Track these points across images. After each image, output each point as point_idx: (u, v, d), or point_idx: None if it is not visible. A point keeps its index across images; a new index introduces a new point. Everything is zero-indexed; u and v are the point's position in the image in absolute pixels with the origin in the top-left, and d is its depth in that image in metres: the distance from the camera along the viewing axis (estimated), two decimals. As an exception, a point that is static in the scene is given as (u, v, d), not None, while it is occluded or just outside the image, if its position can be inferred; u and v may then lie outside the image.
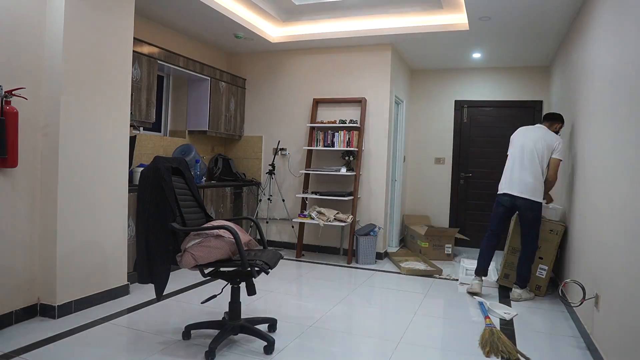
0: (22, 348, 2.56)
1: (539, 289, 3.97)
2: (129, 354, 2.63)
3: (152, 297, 3.43)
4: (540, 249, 3.94)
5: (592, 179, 3.02)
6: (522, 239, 3.87)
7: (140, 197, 2.65)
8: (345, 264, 5.06)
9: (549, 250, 3.93)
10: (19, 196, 2.93)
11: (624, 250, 2.24)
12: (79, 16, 3.11)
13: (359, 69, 5.42)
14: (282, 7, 4.93)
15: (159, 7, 4.34)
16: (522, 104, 6.01)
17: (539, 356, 2.72)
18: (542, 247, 3.94)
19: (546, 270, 3.94)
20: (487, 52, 5.42)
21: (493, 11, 4.02)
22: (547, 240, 3.94)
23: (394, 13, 4.78)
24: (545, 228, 3.94)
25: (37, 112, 3.02)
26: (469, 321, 3.33)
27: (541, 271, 3.96)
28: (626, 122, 2.32)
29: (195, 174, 4.88)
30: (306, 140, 5.58)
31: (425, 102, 6.46)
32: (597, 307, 2.67)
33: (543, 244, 3.94)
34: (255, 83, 5.96)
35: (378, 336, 3.03)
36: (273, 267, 2.62)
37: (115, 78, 3.45)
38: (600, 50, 3.01)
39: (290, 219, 5.62)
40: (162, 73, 5.06)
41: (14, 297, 2.92)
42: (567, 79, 4.33)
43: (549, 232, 3.93)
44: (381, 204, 5.34)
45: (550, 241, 3.93)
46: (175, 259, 2.60)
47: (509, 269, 4.09)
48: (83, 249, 3.23)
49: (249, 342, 2.76)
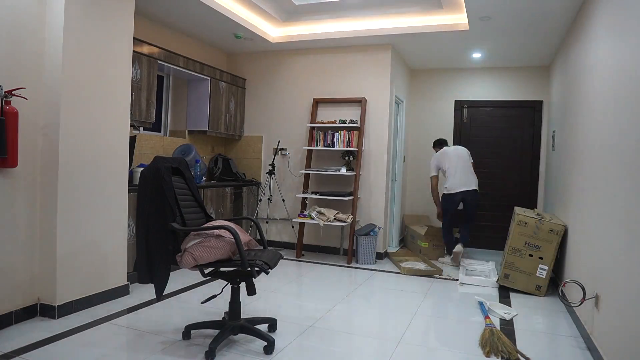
0: (22, 348, 2.56)
1: (539, 288, 3.97)
2: (129, 354, 2.63)
3: (152, 297, 3.43)
4: (541, 249, 3.96)
5: (592, 179, 3.02)
6: (468, 218, 5.25)
7: (140, 197, 2.65)
8: (345, 264, 5.06)
9: (549, 250, 3.93)
10: (19, 196, 2.93)
11: (624, 250, 2.24)
12: (78, 16, 3.11)
13: (359, 69, 5.42)
14: (282, 7, 4.93)
15: (159, 7, 4.34)
16: (522, 104, 6.01)
17: (539, 356, 2.72)
18: (542, 247, 3.96)
19: (546, 270, 3.94)
20: (487, 52, 5.42)
21: (493, 11, 4.02)
22: (547, 240, 3.94)
23: (393, 13, 4.78)
24: (545, 228, 3.95)
25: (37, 112, 3.02)
26: (469, 321, 3.33)
27: (541, 271, 3.96)
28: (626, 122, 2.32)
29: (195, 174, 4.88)
30: (306, 140, 5.58)
31: (425, 102, 6.46)
32: (597, 307, 2.67)
33: (543, 244, 3.95)
34: (255, 83, 5.96)
35: (378, 336, 3.03)
36: (273, 267, 2.62)
37: (115, 78, 3.45)
38: (600, 50, 3.01)
39: (290, 219, 5.62)
40: (162, 73, 5.05)
41: (14, 297, 2.92)
42: (567, 79, 4.33)
43: (549, 232, 3.94)
44: (381, 204, 5.34)
45: (550, 241, 3.93)
46: (175, 259, 2.60)
47: (509, 268, 4.09)
48: (83, 249, 3.23)
49: (249, 342, 2.76)
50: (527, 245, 4.01)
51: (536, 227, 3.97)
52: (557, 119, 4.96)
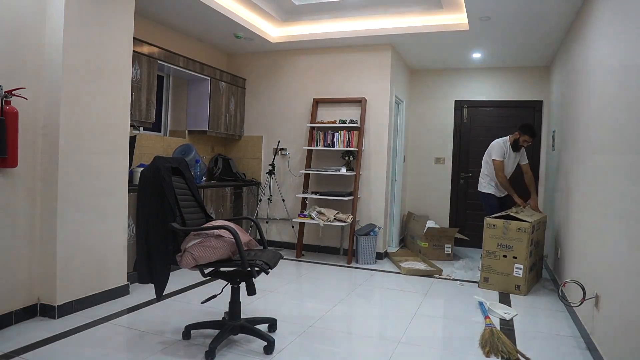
0: (22, 348, 2.56)
1: (519, 288, 3.98)
2: (129, 354, 2.63)
3: (152, 297, 3.43)
4: (513, 249, 3.99)
5: (592, 179, 3.02)
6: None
7: (140, 197, 2.65)
8: (345, 264, 5.06)
9: (521, 249, 3.96)
10: (19, 196, 2.93)
11: (624, 250, 2.24)
12: (79, 16, 3.11)
13: (359, 69, 5.41)
14: (282, 7, 4.93)
15: (159, 7, 4.34)
16: (522, 104, 6.01)
17: (539, 356, 2.72)
18: (513, 246, 3.99)
19: (522, 269, 3.96)
20: (487, 52, 5.42)
21: (493, 11, 4.02)
22: (518, 239, 3.97)
23: (394, 13, 4.78)
24: (512, 227, 4.00)
25: (37, 112, 3.02)
26: (469, 321, 3.33)
27: (517, 270, 3.98)
28: (626, 121, 2.32)
29: (195, 174, 4.88)
30: (306, 140, 5.57)
31: (425, 102, 6.46)
32: (597, 307, 2.67)
33: (514, 243, 3.99)
34: (255, 83, 5.96)
35: (378, 336, 3.03)
36: (273, 267, 2.62)
37: (115, 78, 3.45)
38: (600, 50, 3.01)
39: (290, 219, 5.62)
40: (162, 73, 5.05)
41: (14, 297, 2.92)
42: (567, 79, 4.33)
43: (517, 230, 3.98)
44: (381, 204, 5.34)
45: (520, 240, 3.97)
46: (175, 259, 2.60)
47: (487, 272, 4.12)
48: (83, 248, 3.23)
49: (249, 342, 2.76)
50: (499, 246, 4.05)
51: (504, 227, 4.03)
52: (557, 119, 4.96)
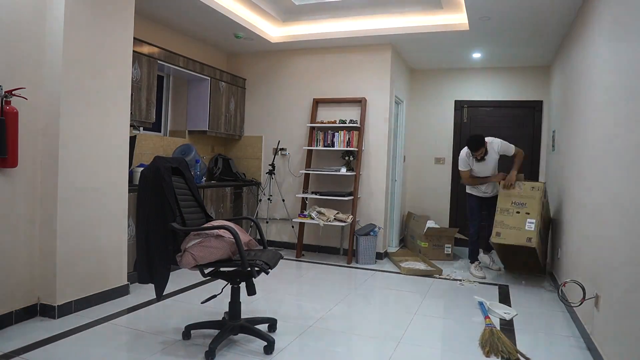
0: (22, 348, 2.56)
1: (530, 240, 4.14)
2: (129, 354, 2.63)
3: (152, 297, 3.43)
4: (526, 206, 4.26)
5: (592, 178, 3.02)
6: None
7: (141, 197, 2.65)
8: (345, 264, 5.06)
9: (534, 205, 4.23)
10: (19, 196, 2.93)
11: (624, 250, 2.24)
12: (78, 16, 3.11)
13: (359, 69, 5.41)
14: (282, 7, 4.93)
15: (159, 7, 4.34)
16: (522, 104, 6.01)
17: (539, 356, 2.72)
18: (526, 203, 4.27)
19: (534, 222, 4.16)
20: (487, 52, 5.42)
21: (493, 11, 4.02)
22: (531, 197, 4.27)
23: (394, 13, 4.78)
24: (526, 187, 4.34)
25: (37, 112, 3.02)
26: (469, 321, 3.33)
27: (529, 224, 4.21)
28: (625, 121, 2.32)
29: (195, 174, 4.88)
30: (306, 140, 5.57)
31: (425, 102, 6.46)
32: (597, 307, 2.67)
33: (528, 200, 4.27)
34: (255, 83, 5.96)
35: (378, 336, 3.03)
36: (273, 267, 2.62)
37: (115, 78, 3.44)
38: (600, 50, 3.01)
39: (290, 219, 5.62)
40: (162, 73, 5.05)
41: (14, 297, 2.92)
42: (567, 79, 4.33)
43: (531, 189, 4.30)
44: (381, 204, 5.34)
45: (533, 197, 4.26)
46: (175, 259, 2.60)
47: (499, 227, 4.33)
48: (83, 248, 3.23)
49: (249, 342, 2.76)
50: (513, 204, 4.34)
51: (519, 186, 4.39)
52: (557, 119, 4.96)
